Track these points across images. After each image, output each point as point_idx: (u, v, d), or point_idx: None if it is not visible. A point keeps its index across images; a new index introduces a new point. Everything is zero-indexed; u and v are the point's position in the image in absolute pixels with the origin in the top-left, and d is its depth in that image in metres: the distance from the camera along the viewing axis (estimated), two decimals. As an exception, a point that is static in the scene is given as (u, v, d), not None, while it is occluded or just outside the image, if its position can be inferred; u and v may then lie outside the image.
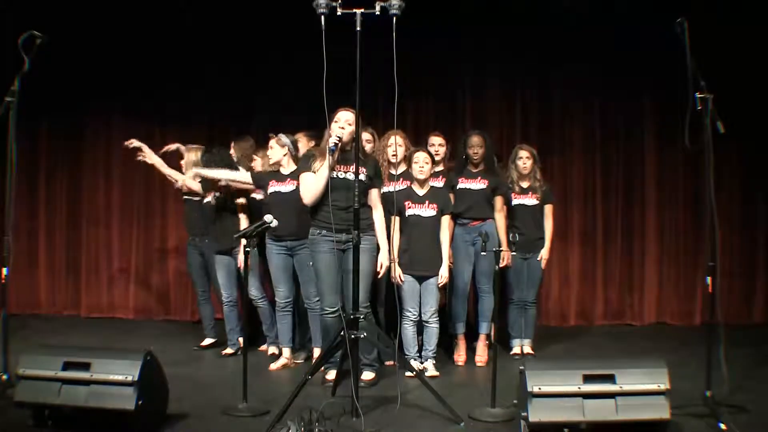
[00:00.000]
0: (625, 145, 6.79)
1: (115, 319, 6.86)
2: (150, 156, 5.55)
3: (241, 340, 5.21)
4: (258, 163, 5.26)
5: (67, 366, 3.40)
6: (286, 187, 4.74)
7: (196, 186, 5.27)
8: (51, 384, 3.37)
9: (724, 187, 6.45)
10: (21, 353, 3.54)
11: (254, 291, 5.16)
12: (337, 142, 4.01)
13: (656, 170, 6.76)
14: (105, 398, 3.32)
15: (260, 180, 4.89)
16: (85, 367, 3.38)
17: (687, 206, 6.70)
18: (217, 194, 5.14)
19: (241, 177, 4.95)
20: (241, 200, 5.14)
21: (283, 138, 4.84)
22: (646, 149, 6.77)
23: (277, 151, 4.81)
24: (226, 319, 5.32)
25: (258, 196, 5.15)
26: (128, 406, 3.29)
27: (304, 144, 5.07)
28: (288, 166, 4.81)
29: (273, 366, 4.86)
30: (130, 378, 3.31)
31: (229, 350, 5.30)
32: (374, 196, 4.29)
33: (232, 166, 5.12)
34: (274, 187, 4.78)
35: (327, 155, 4.01)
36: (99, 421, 3.39)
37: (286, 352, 4.94)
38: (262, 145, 5.46)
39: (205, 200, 5.25)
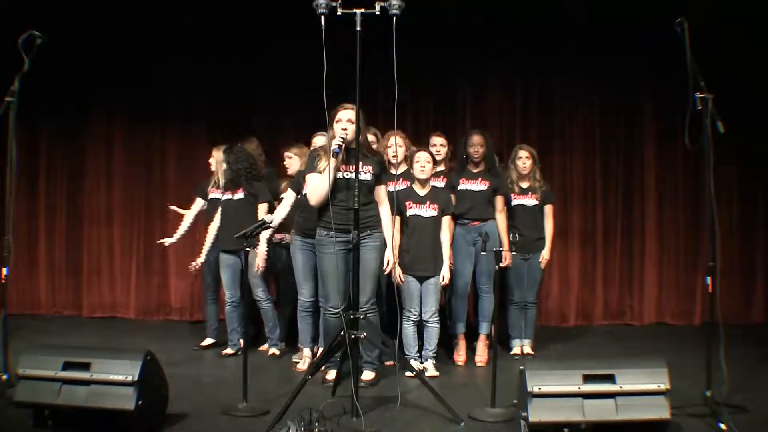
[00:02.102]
0: (625, 145, 6.79)
1: (115, 319, 6.86)
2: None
3: (242, 341, 5.21)
4: (295, 161, 5.20)
5: (67, 366, 3.40)
6: None
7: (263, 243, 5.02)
8: (51, 384, 3.36)
9: (724, 187, 6.46)
10: (21, 353, 3.54)
11: (261, 293, 5.16)
12: (341, 143, 3.99)
13: (656, 170, 6.77)
14: (105, 398, 3.32)
15: (298, 185, 4.79)
16: (85, 367, 3.38)
17: (687, 206, 6.71)
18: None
19: (288, 203, 4.83)
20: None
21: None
22: (646, 149, 6.78)
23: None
24: (227, 319, 5.30)
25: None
26: (128, 406, 3.29)
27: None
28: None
29: (300, 367, 4.84)
30: (130, 378, 3.31)
31: (229, 350, 5.29)
32: (381, 192, 4.28)
33: (254, 164, 5.16)
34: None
35: (331, 158, 4.00)
36: (99, 421, 3.39)
37: (307, 351, 4.91)
38: (266, 146, 5.45)
39: (235, 197, 5.17)
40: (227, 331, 5.34)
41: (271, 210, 5.02)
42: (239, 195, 5.14)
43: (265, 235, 4.83)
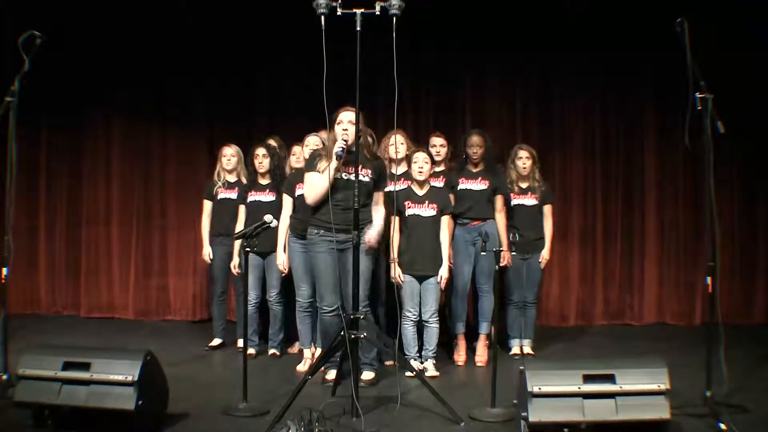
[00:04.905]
0: (625, 145, 6.79)
1: (114, 319, 6.85)
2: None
3: (240, 342, 5.19)
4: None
5: (67, 366, 3.40)
6: None
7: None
8: (51, 384, 3.37)
9: (725, 187, 6.46)
10: (21, 353, 3.54)
11: (275, 294, 5.17)
12: (344, 146, 4.00)
13: (656, 170, 6.76)
14: (105, 398, 3.32)
15: (292, 189, 4.84)
16: (85, 367, 3.39)
17: (687, 206, 6.70)
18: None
19: (288, 208, 4.84)
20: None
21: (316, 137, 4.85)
22: (646, 149, 6.77)
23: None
24: (250, 320, 5.13)
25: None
26: (128, 406, 3.29)
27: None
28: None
29: (299, 368, 4.83)
30: (130, 378, 3.32)
31: (251, 351, 5.15)
32: (379, 198, 4.31)
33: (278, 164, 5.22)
34: (300, 189, 4.69)
35: (333, 159, 4.01)
36: (99, 421, 3.39)
37: (307, 352, 4.92)
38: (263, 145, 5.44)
39: (265, 198, 5.19)
40: (248, 332, 5.00)
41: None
42: (270, 197, 5.15)
43: (282, 239, 4.84)
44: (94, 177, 7.00)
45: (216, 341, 5.57)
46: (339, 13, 3.64)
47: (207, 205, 5.54)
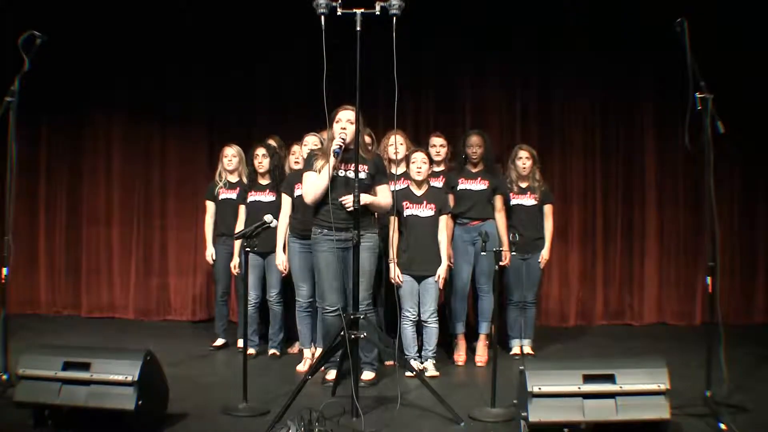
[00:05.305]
0: (625, 145, 6.79)
1: (114, 319, 6.85)
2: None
3: (240, 341, 5.19)
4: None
5: (67, 366, 3.40)
6: None
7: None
8: (51, 384, 3.37)
9: (724, 187, 6.46)
10: (21, 353, 3.54)
11: (275, 294, 5.18)
12: (342, 144, 4.00)
13: (656, 170, 6.76)
14: (105, 398, 3.32)
15: (291, 188, 4.84)
16: (85, 367, 3.38)
17: (687, 206, 6.70)
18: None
19: (287, 208, 4.85)
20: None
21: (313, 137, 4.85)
22: (646, 149, 6.77)
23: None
24: (250, 320, 5.18)
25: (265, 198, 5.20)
26: (128, 406, 3.29)
27: None
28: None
29: (299, 368, 4.83)
30: (130, 378, 3.31)
31: (251, 351, 5.14)
32: (382, 192, 4.27)
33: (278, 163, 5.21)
34: (299, 189, 4.67)
35: (331, 157, 4.00)
36: (99, 421, 3.39)
37: (307, 352, 4.93)
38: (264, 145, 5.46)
39: (264, 198, 5.19)
40: (248, 331, 5.01)
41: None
42: (270, 197, 5.15)
43: (281, 239, 4.85)
44: (95, 177, 7.00)
45: (219, 341, 5.57)
46: (339, 13, 3.65)
47: (210, 206, 5.54)
